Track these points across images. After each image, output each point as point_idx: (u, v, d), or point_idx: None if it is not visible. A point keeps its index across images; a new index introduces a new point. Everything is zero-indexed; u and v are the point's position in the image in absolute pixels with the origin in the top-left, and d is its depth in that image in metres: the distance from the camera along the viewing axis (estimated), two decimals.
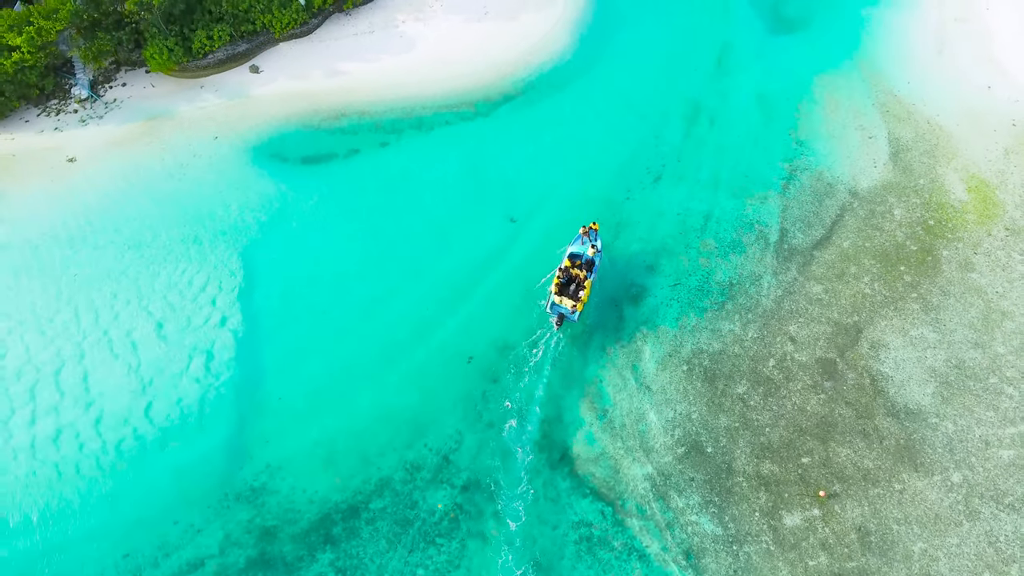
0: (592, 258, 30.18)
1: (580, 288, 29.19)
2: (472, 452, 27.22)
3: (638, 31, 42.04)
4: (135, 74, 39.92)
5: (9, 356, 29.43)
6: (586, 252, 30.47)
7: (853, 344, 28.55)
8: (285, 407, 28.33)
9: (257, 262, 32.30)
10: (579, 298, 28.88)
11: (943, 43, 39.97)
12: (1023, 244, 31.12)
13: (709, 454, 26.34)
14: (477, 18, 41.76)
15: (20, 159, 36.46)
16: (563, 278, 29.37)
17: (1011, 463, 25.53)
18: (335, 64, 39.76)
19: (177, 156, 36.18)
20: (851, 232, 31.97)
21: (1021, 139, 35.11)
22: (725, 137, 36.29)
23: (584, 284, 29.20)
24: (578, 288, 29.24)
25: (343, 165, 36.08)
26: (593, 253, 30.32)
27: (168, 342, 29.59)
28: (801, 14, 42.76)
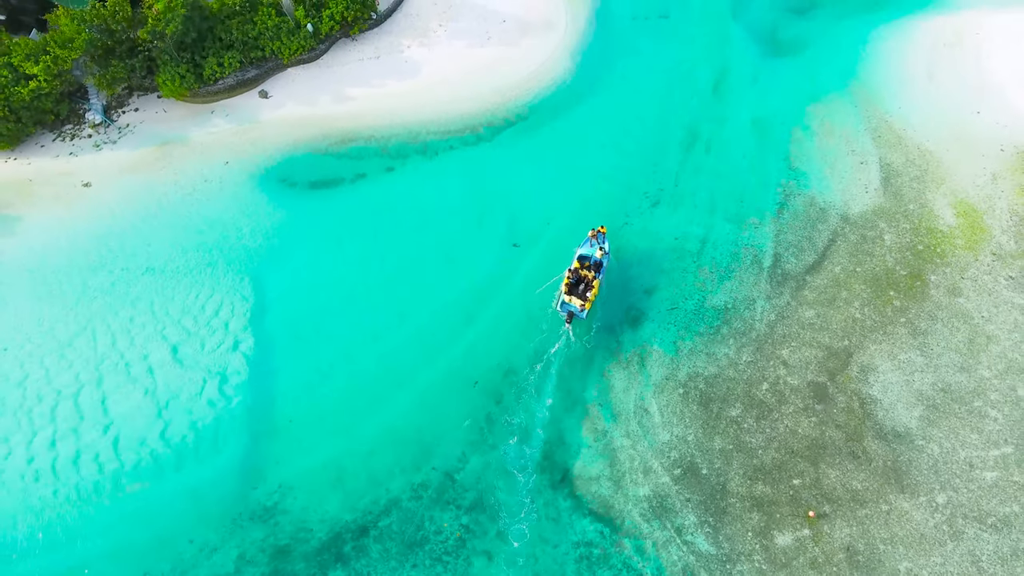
0: (600, 260, 31.83)
1: (588, 288, 30.83)
2: (477, 473, 28.32)
3: (637, 56, 43.15)
4: (147, 99, 41.04)
5: (30, 379, 30.55)
6: (594, 254, 32.14)
7: (843, 368, 29.64)
8: (296, 429, 29.44)
9: (267, 286, 33.40)
10: (587, 297, 30.49)
11: (934, 68, 41.06)
12: (1009, 269, 32.21)
13: (704, 475, 27.42)
14: (480, 43, 42.88)
15: (37, 184, 37.57)
16: (572, 278, 31.04)
17: (994, 484, 26.60)
18: (342, 89, 40.87)
19: (189, 181, 37.28)
20: (843, 257, 33.06)
21: (1009, 164, 36.19)
22: (721, 162, 37.37)
23: (592, 284, 30.84)
24: (586, 288, 30.87)
25: (350, 190, 37.18)
26: (601, 255, 31.94)
27: (183, 366, 30.70)
28: (797, 38, 43.86)
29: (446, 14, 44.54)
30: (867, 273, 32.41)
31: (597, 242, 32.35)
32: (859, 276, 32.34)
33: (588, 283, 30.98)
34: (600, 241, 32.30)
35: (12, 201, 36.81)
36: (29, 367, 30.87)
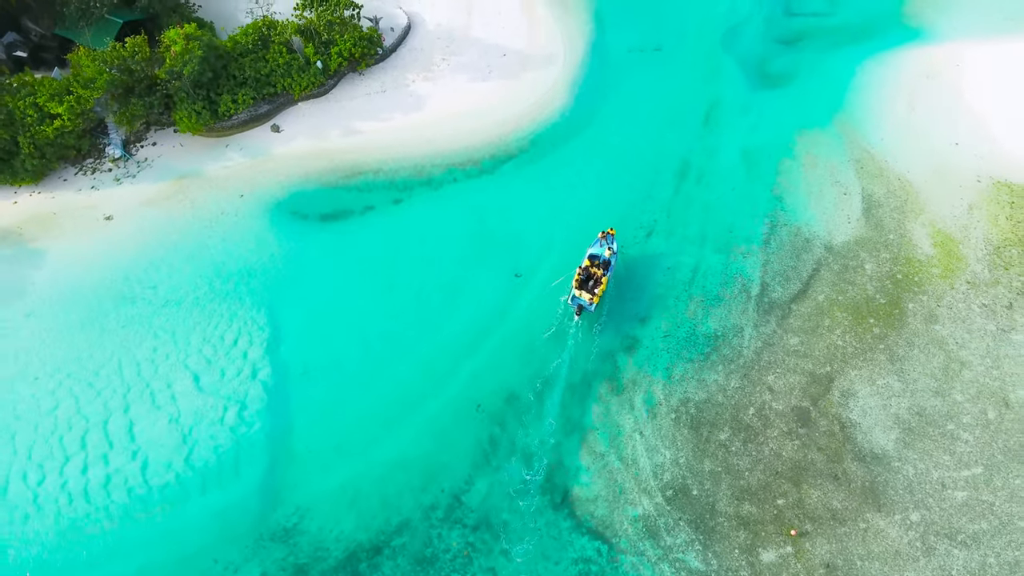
0: (608, 259, 34.75)
1: (597, 284, 33.72)
2: (482, 494, 30.24)
3: (633, 88, 45.20)
4: (165, 133, 43.02)
5: (61, 408, 32.48)
6: (603, 253, 34.96)
7: (825, 393, 31.60)
8: (312, 454, 31.34)
9: (283, 316, 35.32)
10: (596, 292, 33.41)
11: (915, 100, 43.09)
12: (982, 297, 34.19)
13: (695, 496, 29.36)
14: (482, 77, 44.89)
15: (60, 217, 39.53)
16: (583, 275, 34.12)
17: (964, 503, 28.55)
18: (350, 123, 42.86)
19: (207, 214, 39.24)
20: (826, 286, 35.04)
21: (984, 195, 38.20)
22: (711, 193, 39.36)
23: (601, 280, 33.76)
24: (595, 284, 33.74)
25: (360, 222, 39.13)
26: (609, 255, 34.96)
27: (205, 393, 32.64)
28: (785, 70, 45.91)
29: (449, 48, 46.59)
30: (849, 301, 34.40)
31: (606, 243, 35.67)
32: (841, 304, 34.32)
33: (597, 279, 33.98)
34: (609, 242, 35.66)
35: (38, 235, 38.77)
36: (60, 396, 32.81)
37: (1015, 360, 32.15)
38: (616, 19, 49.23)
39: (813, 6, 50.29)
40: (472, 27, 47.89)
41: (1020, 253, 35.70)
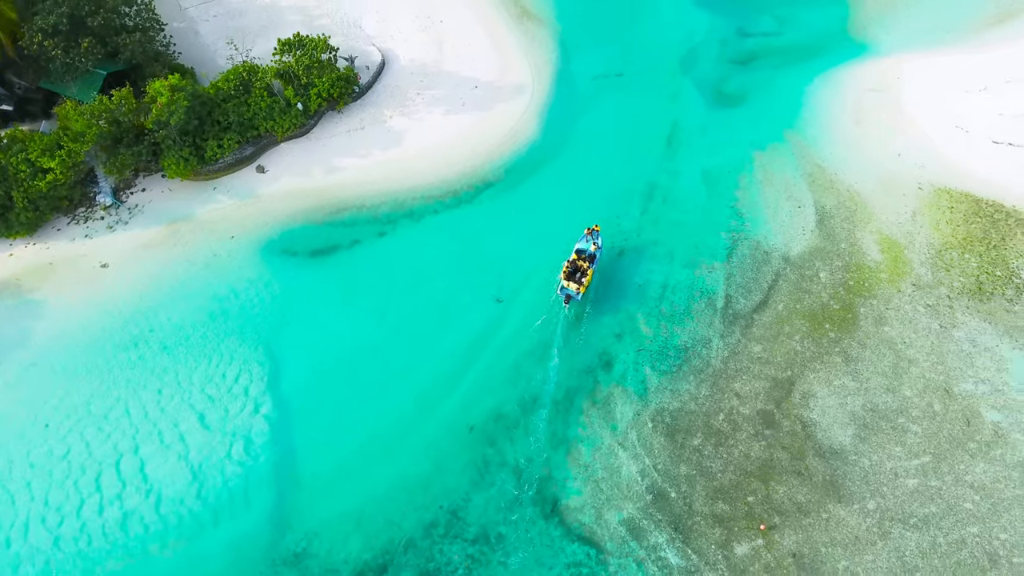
0: (594, 253, 38.34)
1: (583, 275, 37.02)
2: (479, 509, 32.56)
3: (598, 113, 47.90)
4: (153, 179, 44.75)
5: (73, 452, 34.22)
6: (589, 248, 38.43)
7: (787, 396, 34.43)
8: (317, 481, 33.44)
9: (281, 351, 37.33)
10: (582, 283, 36.86)
11: (860, 114, 46.30)
12: (927, 298, 37.32)
13: (673, 498, 31.98)
14: (455, 110, 47.22)
15: (57, 267, 41.13)
16: (570, 268, 37.27)
17: (915, 490, 31.51)
18: (332, 160, 44.94)
19: (200, 256, 41.08)
20: (784, 295, 37.93)
21: (926, 202, 41.41)
22: (677, 212, 42.07)
23: (587, 272, 37.20)
24: (582, 275, 37.04)
25: (348, 256, 41.21)
26: (595, 249, 38.47)
27: (211, 431, 34.56)
28: (740, 90, 48.92)
29: (423, 83, 48.87)
30: (806, 309, 37.31)
31: (591, 238, 39.06)
32: (799, 312, 37.22)
33: (583, 271, 37.17)
34: (594, 237, 39.04)
35: (36, 285, 40.34)
36: (71, 441, 34.54)
37: (957, 355, 35.27)
38: (580, 47, 51.91)
39: (764, 26, 53.43)
40: (444, 61, 50.22)
41: (960, 255, 38.92)
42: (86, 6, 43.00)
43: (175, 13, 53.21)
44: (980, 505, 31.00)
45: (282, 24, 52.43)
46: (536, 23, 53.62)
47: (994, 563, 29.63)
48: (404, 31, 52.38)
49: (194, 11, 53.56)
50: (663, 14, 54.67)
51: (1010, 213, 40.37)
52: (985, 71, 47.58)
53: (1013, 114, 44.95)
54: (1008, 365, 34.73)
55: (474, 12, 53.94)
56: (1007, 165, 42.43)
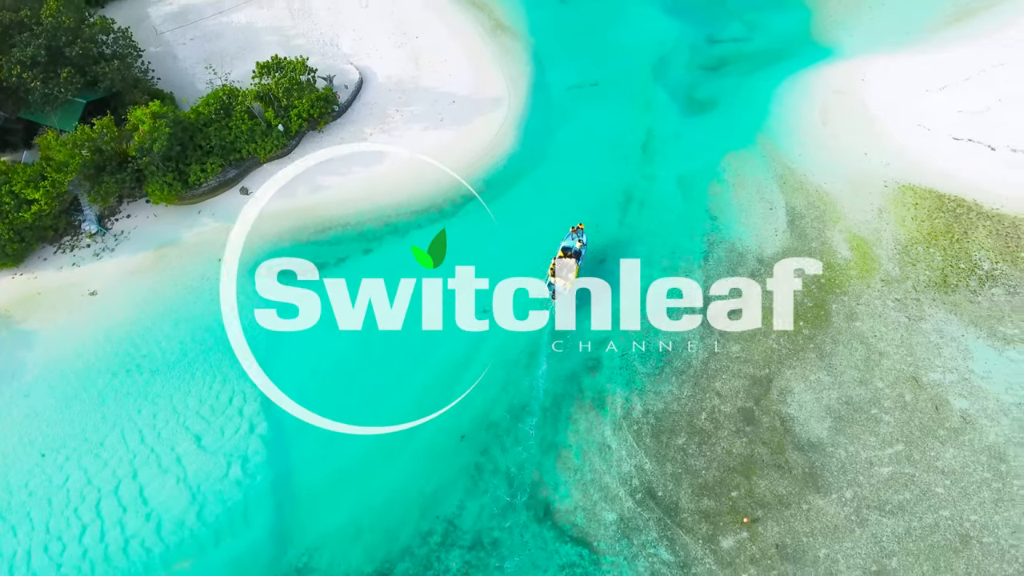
0: (579, 250, 39.98)
1: (570, 271, 38.88)
2: (474, 516, 33.58)
3: (575, 123, 49.04)
4: (138, 205, 45.24)
5: (72, 480, 34.79)
6: (574, 245, 40.09)
7: (766, 393, 35.81)
8: (315, 496, 34.28)
9: (273, 370, 38.05)
10: (569, 278, 38.51)
11: (827, 115, 47.89)
12: (895, 292, 38.90)
13: (660, 497, 33.20)
14: (434, 125, 48.17)
15: (46, 297, 41.55)
16: (556, 265, 39.10)
17: (889, 477, 33.01)
18: (315, 180, 45.70)
19: (188, 280, 41.67)
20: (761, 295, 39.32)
21: (892, 199, 43.05)
22: (654, 219, 43.27)
23: (573, 268, 38.87)
24: (568, 271, 38.97)
25: (334, 272, 41.96)
26: (580, 246, 40.11)
27: (208, 452, 35.26)
28: (710, 96, 50.31)
29: (401, 99, 49.77)
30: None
31: (576, 236, 40.59)
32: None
33: (570, 268, 39.10)
34: (579, 235, 40.60)
35: (26, 316, 40.77)
36: (69, 469, 35.10)
37: (925, 346, 36.87)
38: (554, 58, 53.04)
39: (733, 32, 54.91)
40: (421, 77, 51.14)
41: (925, 249, 40.57)
42: (63, 36, 43.42)
43: (152, 38, 53.64)
44: (951, 489, 32.54)
45: (259, 46, 53.09)
46: (510, 36, 54.70)
47: (966, 544, 31.18)
48: (380, 48, 53.21)
49: (170, 35, 54.02)
50: (634, 23, 55.93)
51: (971, 207, 42.11)
52: (944, 70, 49.38)
53: (972, 111, 46.77)
54: (973, 354, 36.35)
55: (448, 27, 54.89)
56: (967, 161, 44.18)
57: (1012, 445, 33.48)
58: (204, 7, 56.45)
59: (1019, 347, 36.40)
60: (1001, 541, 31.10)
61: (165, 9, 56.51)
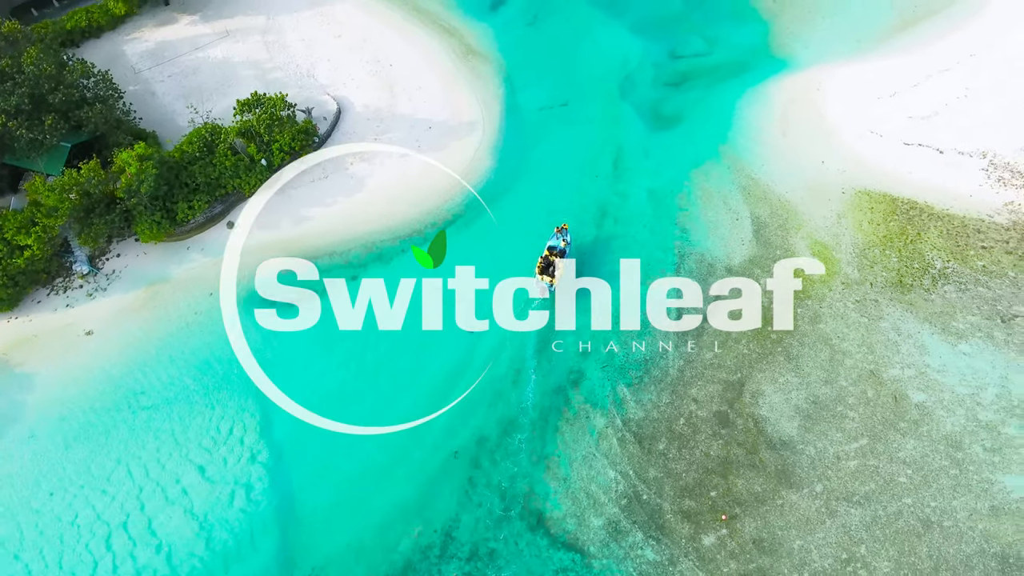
0: (564, 248, 42.92)
1: (555, 269, 41.84)
2: (470, 528, 35.47)
3: (548, 143, 50.94)
4: (127, 243, 46.39)
5: (80, 516, 36.07)
6: (559, 244, 42.98)
7: (739, 396, 38.10)
8: (317, 518, 35.94)
9: (268, 398, 39.54)
10: (554, 276, 41.52)
11: (786, 126, 50.39)
12: (854, 295, 41.43)
13: (644, 500, 35.32)
14: (413, 151, 49.90)
15: (42, 339, 42.61)
16: (543, 263, 41.84)
17: (856, 470, 35.45)
18: (299, 211, 47.17)
19: (181, 315, 42.99)
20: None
21: (849, 204, 45.62)
22: (627, 233, 45.38)
23: (558, 266, 41.86)
24: (554, 269, 41.85)
25: (324, 300, 43.51)
26: (564, 245, 43.01)
27: (212, 483, 36.73)
28: (676, 111, 52.57)
29: (379, 127, 51.39)
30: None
31: (561, 235, 43.35)
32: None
33: (555, 266, 42.05)
34: (564, 235, 43.37)
35: (24, 359, 41.81)
36: (77, 506, 36.37)
37: (884, 344, 39.41)
38: (524, 80, 54.96)
39: (694, 47, 57.25)
40: (397, 104, 52.81)
41: (881, 252, 43.17)
42: (46, 84, 44.48)
43: (130, 76, 54.69)
44: (912, 478, 35.08)
45: (236, 80, 54.41)
46: (481, 60, 56.55)
47: (927, 528, 33.71)
48: (356, 77, 54.79)
49: (148, 73, 55.09)
50: (600, 42, 58.03)
51: (923, 209, 44.82)
52: (894, 76, 52.18)
53: (920, 116, 49.59)
54: (929, 349, 38.97)
55: (421, 53, 56.58)
56: (918, 164, 46.93)
57: (967, 434, 36.12)
58: (180, 43, 57.56)
59: (971, 341, 39.12)
60: (959, 524, 33.69)
61: (141, 47, 57.51)
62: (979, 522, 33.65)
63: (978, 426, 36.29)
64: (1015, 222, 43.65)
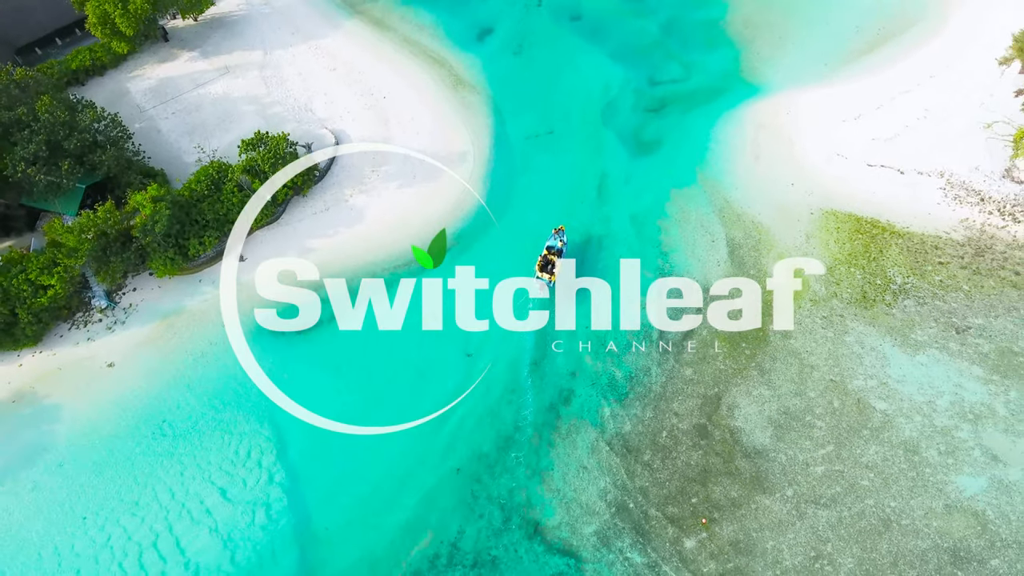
0: (561, 248, 47.64)
1: (554, 267, 46.37)
2: (473, 539, 38.71)
3: (535, 171, 54.13)
4: (142, 278, 49.27)
5: (113, 538, 39.08)
6: (557, 244, 47.58)
7: (716, 409, 41.49)
8: (332, 534, 39.09)
9: (284, 423, 42.65)
10: (553, 273, 46.10)
11: (758, 149, 53.78)
12: (822, 311, 44.89)
13: (631, 509, 38.69)
14: (408, 183, 52.93)
15: (66, 371, 45.48)
16: (542, 261, 46.28)
17: (823, 475, 38.94)
18: (303, 242, 50.16)
19: (196, 346, 45.96)
20: (708, 323, 44.98)
21: (816, 224, 49.06)
22: (611, 256, 48.63)
23: (557, 264, 46.58)
24: (552, 267, 46.29)
25: (330, 327, 46.58)
26: (561, 245, 47.75)
27: (234, 503, 39.80)
28: (655, 137, 55.87)
29: (375, 159, 54.40)
30: (725, 332, 44.43)
31: (559, 236, 47.94)
32: (720, 335, 44.34)
33: (553, 264, 46.44)
34: (560, 235, 47.93)
35: (50, 391, 44.69)
36: (110, 529, 39.37)
37: (849, 357, 42.90)
38: (512, 109, 58.07)
39: (671, 73, 60.54)
40: (391, 136, 55.81)
41: (846, 270, 46.64)
42: (61, 131, 47.20)
43: (136, 114, 57.42)
44: (874, 481, 38.59)
45: (238, 116, 57.24)
46: (470, 90, 59.60)
47: (887, 527, 37.24)
48: (352, 110, 57.72)
49: (153, 111, 57.84)
50: (582, 69, 61.23)
51: (885, 228, 48.33)
52: (858, 100, 55.64)
53: (883, 138, 53.07)
54: (890, 360, 42.48)
55: (412, 85, 59.58)
56: (880, 185, 50.44)
57: (924, 438, 39.67)
58: (181, 80, 60.29)
59: (928, 351, 42.67)
60: (916, 522, 37.23)
61: (144, 84, 60.20)
62: (934, 520, 37.22)
63: (934, 431, 39.85)
64: (969, 238, 47.25)
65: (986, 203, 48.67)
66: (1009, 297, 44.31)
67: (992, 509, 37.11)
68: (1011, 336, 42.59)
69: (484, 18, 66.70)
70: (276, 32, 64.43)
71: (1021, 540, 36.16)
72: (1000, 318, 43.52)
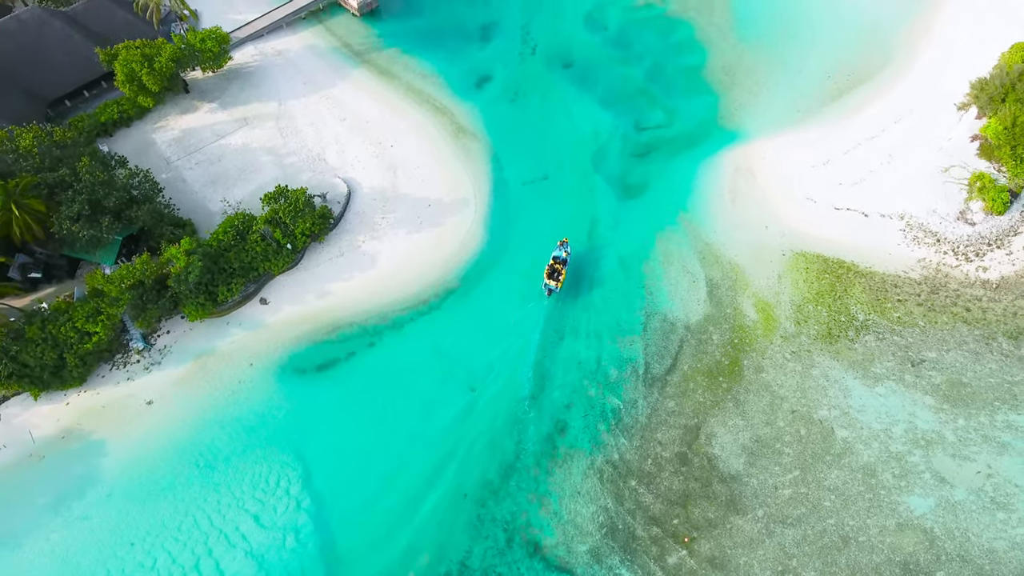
0: (565, 258, 53.93)
1: (559, 274, 52.15)
2: (479, 558, 43.51)
3: (531, 215, 59.07)
4: (175, 321, 54.08)
5: (159, 562, 43.84)
6: (562, 254, 53.62)
7: (695, 439, 46.37)
8: (354, 555, 43.88)
9: (308, 454, 47.47)
10: (559, 280, 52.06)
11: (735, 193, 58.73)
12: (791, 347, 49.79)
13: (620, 529, 43.54)
14: (415, 229, 57.81)
15: (109, 409, 50.27)
16: (550, 270, 52.85)
17: (790, 497, 43.81)
18: (322, 286, 55.01)
19: (226, 384, 50.78)
20: (688, 358, 49.90)
21: (787, 265, 54.00)
22: (601, 297, 53.63)
23: (561, 272, 52.74)
24: (558, 275, 52.16)
25: (347, 366, 51.44)
26: (566, 255, 54.02)
27: (267, 528, 44.61)
28: (641, 181, 60.87)
29: (385, 207, 59.28)
30: (704, 367, 49.36)
31: (563, 248, 53.88)
32: (699, 370, 49.26)
33: (559, 272, 52.32)
34: (565, 247, 54.11)
35: (95, 427, 49.48)
36: (156, 553, 44.14)
37: (815, 389, 47.80)
38: (510, 157, 63.00)
39: (655, 119, 65.55)
40: (399, 184, 60.70)
41: (814, 308, 51.58)
42: (101, 190, 52.01)
43: (163, 165, 62.26)
44: (835, 502, 43.47)
45: (257, 165, 62.14)
46: (471, 138, 64.57)
47: (846, 543, 42.11)
48: (361, 159, 62.61)
49: (178, 162, 62.68)
50: (574, 115, 66.27)
51: (850, 267, 53.30)
52: (826, 146, 60.68)
53: (849, 182, 58.07)
54: (851, 392, 47.42)
55: (417, 134, 64.51)
56: (846, 227, 55.43)
57: (880, 463, 44.58)
58: (203, 131, 65.14)
59: (886, 383, 47.62)
60: (872, 539, 42.12)
61: (168, 135, 65.05)
62: (887, 536, 42.10)
63: (889, 456, 44.76)
64: (926, 277, 52.24)
65: (941, 243, 53.68)
66: (960, 332, 49.31)
67: (939, 526, 42.04)
68: (960, 368, 47.57)
69: (482, 66, 71.72)
70: (289, 83, 69.33)
71: (964, 554, 41.10)
72: (951, 351, 48.51)
